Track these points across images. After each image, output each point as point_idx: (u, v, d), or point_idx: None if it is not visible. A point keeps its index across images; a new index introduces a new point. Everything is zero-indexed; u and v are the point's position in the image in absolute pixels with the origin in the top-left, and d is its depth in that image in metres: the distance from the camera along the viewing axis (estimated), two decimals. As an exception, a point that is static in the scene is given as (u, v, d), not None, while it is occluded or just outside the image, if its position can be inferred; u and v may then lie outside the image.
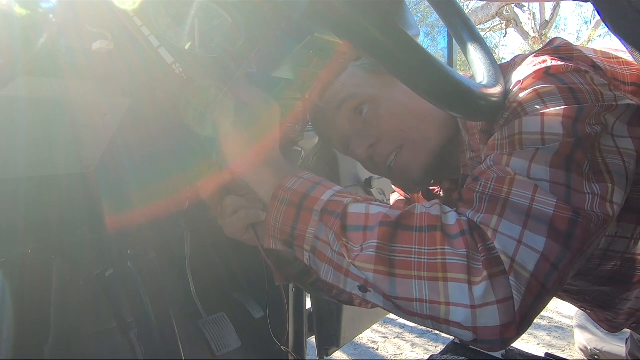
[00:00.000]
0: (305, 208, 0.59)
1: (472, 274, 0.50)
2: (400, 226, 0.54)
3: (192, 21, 0.62)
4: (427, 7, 8.89)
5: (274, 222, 0.61)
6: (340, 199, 0.59)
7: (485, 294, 0.49)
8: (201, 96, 0.59)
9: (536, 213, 0.52)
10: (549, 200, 0.53)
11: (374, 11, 0.50)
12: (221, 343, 0.97)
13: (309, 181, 0.61)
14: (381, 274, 0.53)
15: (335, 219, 0.57)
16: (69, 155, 0.61)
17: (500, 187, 0.55)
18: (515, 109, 0.62)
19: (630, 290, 0.77)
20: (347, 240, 0.55)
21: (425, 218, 0.54)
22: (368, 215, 0.56)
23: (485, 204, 0.55)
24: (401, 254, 0.53)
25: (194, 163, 0.70)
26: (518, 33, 10.41)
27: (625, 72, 0.68)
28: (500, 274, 0.50)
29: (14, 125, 0.53)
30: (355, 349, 2.56)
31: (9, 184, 0.57)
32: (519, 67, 0.69)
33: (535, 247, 0.51)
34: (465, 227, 0.53)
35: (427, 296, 0.51)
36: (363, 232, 0.55)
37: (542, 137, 0.57)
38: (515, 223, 0.52)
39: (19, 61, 0.49)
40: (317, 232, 0.58)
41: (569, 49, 0.68)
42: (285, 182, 0.61)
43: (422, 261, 0.51)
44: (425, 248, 0.52)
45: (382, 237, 0.53)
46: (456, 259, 0.50)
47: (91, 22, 0.53)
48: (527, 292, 0.50)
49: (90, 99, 0.56)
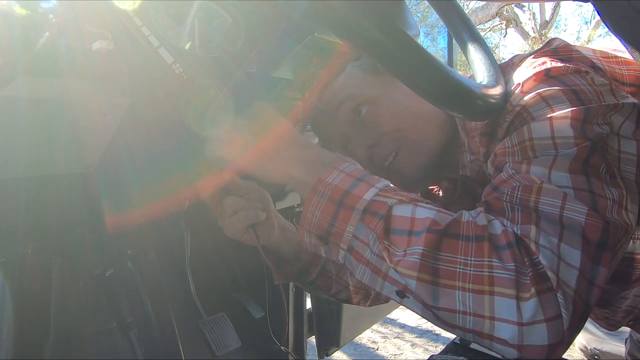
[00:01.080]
0: (346, 206, 0.56)
1: (520, 289, 0.48)
2: (448, 234, 0.52)
3: (192, 21, 0.62)
4: (427, 7, 8.89)
5: (311, 217, 0.58)
6: (385, 199, 0.56)
7: (535, 312, 0.47)
8: (201, 96, 0.59)
9: (568, 222, 0.51)
10: (579, 208, 0.52)
11: (374, 11, 0.50)
12: (221, 343, 0.97)
13: (351, 176, 0.58)
14: (424, 282, 0.51)
15: (379, 220, 0.54)
16: (69, 155, 0.61)
17: (528, 196, 0.54)
18: (520, 114, 0.61)
19: (628, 289, 0.77)
20: (390, 243, 0.53)
21: (472, 227, 0.52)
22: (414, 219, 0.54)
23: (518, 214, 0.53)
24: (447, 263, 0.51)
25: (194, 163, 0.70)
26: (518, 33, 10.41)
27: (624, 72, 0.68)
28: (548, 291, 0.48)
29: (14, 125, 0.53)
30: (355, 349, 2.56)
31: (9, 184, 0.57)
32: (517, 68, 0.68)
33: (573, 264, 0.49)
34: (512, 239, 0.51)
35: (471, 309, 0.49)
36: (408, 237, 0.53)
37: (554, 141, 0.56)
38: (551, 235, 0.51)
39: (19, 61, 0.49)
40: (357, 231, 0.56)
41: (567, 50, 0.68)
42: (325, 175, 0.58)
43: (468, 272, 0.49)
44: (471, 259, 0.50)
45: (429, 244, 0.51)
46: (504, 273, 0.48)
47: (91, 22, 0.53)
48: (574, 310, 0.48)
49: (90, 99, 0.56)
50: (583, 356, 1.90)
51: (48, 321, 0.74)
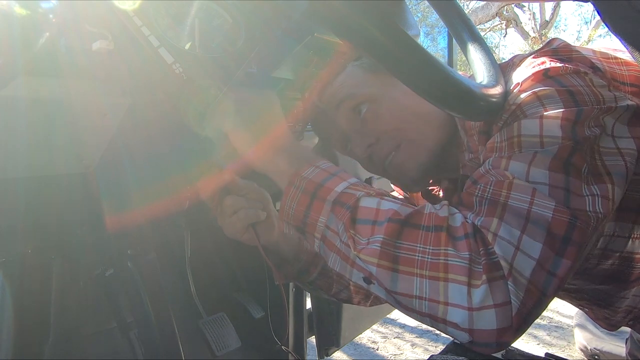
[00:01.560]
0: (318, 197, 0.60)
1: (472, 276, 0.50)
2: (408, 224, 0.55)
3: (192, 21, 0.62)
4: (427, 7, 8.89)
5: (288, 208, 0.62)
6: (353, 191, 0.59)
7: (484, 298, 0.50)
8: (201, 96, 0.59)
9: (535, 216, 0.53)
10: (547, 204, 0.54)
11: (374, 11, 0.50)
12: (221, 343, 0.97)
13: (326, 171, 0.62)
14: (384, 269, 0.54)
15: (346, 210, 0.58)
16: (69, 155, 0.61)
17: (499, 190, 0.56)
18: (514, 112, 0.62)
19: (628, 289, 0.77)
20: (355, 232, 0.56)
21: (433, 218, 0.55)
22: (378, 210, 0.57)
23: (485, 207, 0.56)
24: (406, 251, 0.54)
25: (194, 163, 0.70)
26: (518, 33, 10.41)
27: (624, 72, 0.68)
28: (499, 278, 0.50)
29: (14, 125, 0.53)
30: (355, 349, 2.56)
31: (9, 184, 0.57)
32: (517, 67, 0.69)
33: (532, 255, 0.52)
34: (469, 230, 0.53)
35: (427, 294, 0.52)
36: (371, 227, 0.56)
37: (541, 139, 0.58)
38: (515, 227, 0.53)
39: (19, 61, 0.49)
40: (328, 221, 0.59)
41: (567, 50, 0.68)
42: (302, 170, 0.62)
43: (426, 260, 0.52)
44: (429, 247, 0.53)
45: (389, 233, 0.54)
46: (458, 261, 0.51)
47: (91, 22, 0.53)
48: (525, 297, 0.50)
49: (90, 99, 0.56)
50: (583, 356, 1.91)
51: (48, 321, 0.74)
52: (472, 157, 0.74)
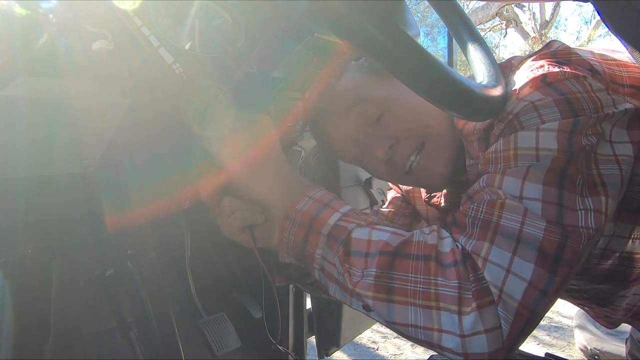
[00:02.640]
0: (313, 230, 0.62)
1: (462, 304, 0.53)
2: (399, 255, 0.57)
3: (192, 21, 0.62)
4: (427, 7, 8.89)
5: (286, 241, 0.64)
6: (345, 224, 0.61)
7: (474, 324, 0.52)
8: (201, 96, 0.59)
9: (526, 237, 0.55)
10: (538, 224, 0.55)
11: (374, 11, 0.50)
12: (221, 343, 0.97)
13: (319, 202, 0.63)
14: (379, 300, 0.56)
15: (339, 245, 0.60)
16: (69, 155, 0.61)
17: (492, 210, 0.57)
18: (511, 121, 0.62)
19: (628, 288, 0.77)
20: (350, 265, 0.58)
21: (422, 247, 0.57)
22: (370, 241, 0.59)
23: (477, 230, 0.57)
24: (399, 281, 0.56)
25: (194, 163, 0.70)
26: (518, 33, 10.41)
27: (623, 74, 0.67)
28: (489, 304, 0.52)
29: (14, 125, 0.53)
30: (355, 349, 2.56)
31: (9, 184, 0.57)
32: (517, 70, 0.68)
33: (523, 276, 0.53)
34: (458, 257, 0.55)
35: (421, 322, 0.54)
36: (365, 259, 0.58)
37: (537, 152, 0.58)
38: (505, 249, 0.54)
39: (19, 61, 0.49)
40: (324, 253, 0.61)
41: (566, 53, 0.67)
42: (296, 203, 0.64)
43: (418, 290, 0.55)
44: (420, 277, 0.55)
45: (381, 266, 0.56)
46: (448, 291, 0.53)
47: (91, 22, 0.53)
48: (515, 320, 0.52)
49: (90, 99, 0.56)
50: (583, 356, 1.91)
51: (48, 321, 0.74)
52: (472, 162, 0.74)
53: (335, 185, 1.22)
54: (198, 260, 0.96)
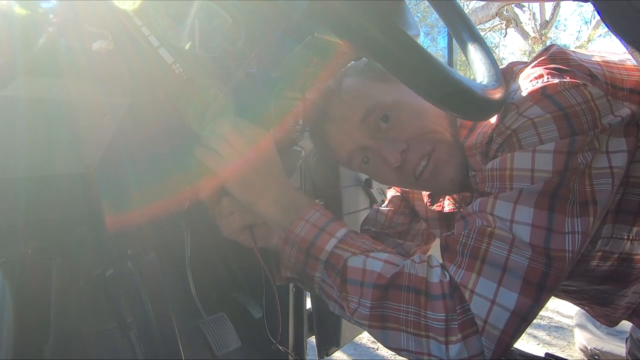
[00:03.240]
0: (312, 256, 0.66)
1: (449, 334, 0.58)
2: (392, 286, 0.61)
3: (192, 21, 0.62)
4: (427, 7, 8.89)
5: (287, 262, 0.69)
6: (341, 252, 0.65)
7: (460, 352, 0.57)
8: (201, 96, 0.59)
9: (512, 266, 0.58)
10: (524, 252, 0.58)
11: (374, 11, 0.50)
12: (221, 343, 0.97)
13: (315, 226, 0.67)
14: (375, 328, 0.62)
15: (336, 275, 0.64)
16: (69, 155, 0.61)
17: (481, 238, 0.61)
18: (510, 137, 0.63)
19: (627, 287, 0.77)
20: (347, 294, 0.63)
21: (412, 279, 0.61)
22: (365, 271, 0.63)
23: (466, 259, 0.61)
24: (392, 310, 0.61)
25: (194, 163, 0.70)
26: (518, 33, 10.41)
27: (624, 77, 0.67)
28: (473, 334, 0.58)
29: (14, 125, 0.53)
30: (355, 349, 2.56)
31: (9, 184, 0.57)
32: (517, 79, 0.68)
33: (507, 306, 0.57)
34: (446, 290, 0.59)
35: (413, 347, 0.60)
36: (360, 288, 0.62)
37: (532, 174, 0.60)
38: (492, 280, 0.58)
39: (19, 61, 0.49)
40: (323, 277, 0.66)
41: (564, 58, 0.67)
42: (294, 226, 0.67)
43: (409, 319, 0.60)
44: (412, 307, 0.60)
45: (375, 298, 0.61)
46: (436, 323, 0.58)
47: (91, 22, 0.53)
48: (497, 347, 0.58)
49: (90, 99, 0.56)
50: (583, 356, 1.91)
51: (48, 321, 0.74)
52: (474, 174, 0.74)
53: (335, 185, 1.22)
54: (198, 260, 0.96)
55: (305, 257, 0.66)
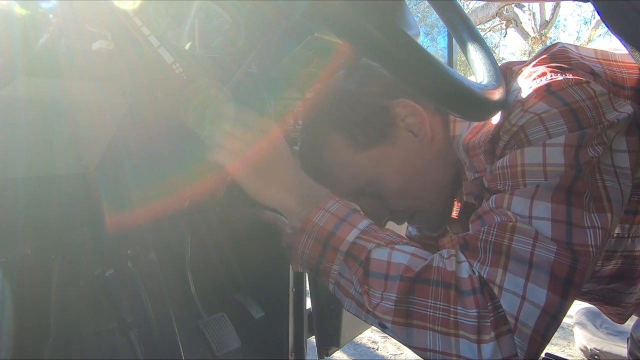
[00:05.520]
0: (330, 247, 0.62)
1: (481, 333, 0.54)
2: (419, 280, 0.57)
3: (192, 21, 0.62)
4: (427, 7, 8.89)
5: (302, 254, 0.64)
6: (364, 243, 0.61)
7: (493, 353, 0.53)
8: (201, 96, 0.59)
9: (538, 261, 0.55)
10: (549, 247, 0.56)
11: (374, 11, 0.50)
12: (221, 343, 0.97)
13: (335, 216, 0.63)
14: (398, 325, 0.57)
15: (359, 265, 0.60)
16: (69, 155, 0.61)
17: (503, 234, 0.58)
18: (517, 134, 0.62)
19: (635, 284, 0.77)
20: (369, 287, 0.59)
21: (441, 273, 0.57)
22: (390, 263, 0.59)
23: (489, 255, 0.58)
24: (418, 306, 0.57)
25: (194, 163, 0.70)
26: (518, 33, 10.42)
27: (624, 75, 0.67)
28: (506, 333, 0.54)
29: (14, 125, 0.53)
30: (355, 349, 2.56)
31: (9, 184, 0.57)
32: (517, 78, 0.68)
33: (537, 302, 0.54)
34: (476, 285, 0.56)
35: (440, 347, 0.55)
36: (384, 281, 0.58)
37: (544, 169, 0.58)
38: (519, 275, 0.55)
39: (19, 61, 0.49)
40: (341, 270, 0.62)
41: (565, 57, 0.67)
42: (312, 215, 0.63)
43: (437, 316, 0.56)
44: (440, 303, 0.56)
45: (402, 291, 0.57)
46: (467, 320, 0.54)
47: (91, 22, 0.53)
48: (529, 347, 0.54)
49: (90, 99, 0.56)
50: (583, 356, 1.91)
51: (48, 321, 0.74)
52: (478, 175, 0.73)
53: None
54: (198, 260, 0.96)
55: (323, 247, 0.62)
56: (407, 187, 0.76)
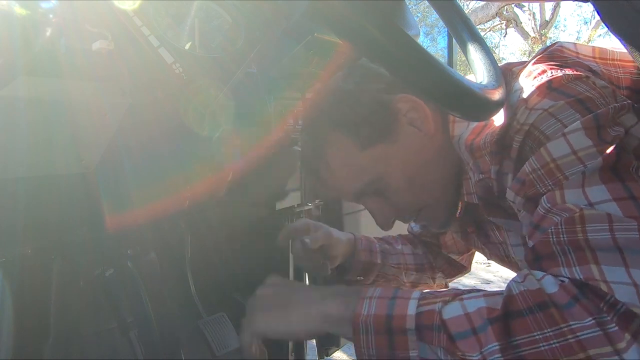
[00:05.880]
0: (395, 331, 0.54)
1: (613, 341, 0.45)
2: (510, 315, 0.50)
3: (192, 21, 0.62)
4: (427, 7, 8.89)
5: (368, 356, 0.56)
6: (430, 307, 0.54)
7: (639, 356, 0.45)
8: (201, 96, 0.59)
9: (624, 243, 0.49)
10: (629, 225, 0.49)
11: (374, 11, 0.50)
12: (221, 343, 0.97)
13: (384, 298, 0.56)
14: None
15: (438, 332, 0.52)
16: (69, 155, 0.61)
17: (573, 228, 0.52)
18: (531, 133, 0.60)
19: None
20: (463, 352, 0.50)
21: (529, 297, 0.50)
22: (468, 315, 0.52)
23: (571, 255, 0.51)
24: (527, 346, 0.47)
25: (194, 163, 0.70)
26: (518, 33, 10.42)
27: (620, 75, 0.67)
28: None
29: (14, 125, 0.53)
30: (355, 349, 2.56)
31: (9, 184, 0.57)
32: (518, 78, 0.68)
33: None
34: (574, 292, 0.48)
35: None
36: (475, 337, 0.50)
37: (577, 156, 0.55)
38: (615, 264, 0.48)
39: (19, 61, 0.49)
40: (421, 352, 0.53)
41: (561, 56, 0.67)
42: (359, 309, 0.56)
43: (554, 346, 0.46)
44: (548, 331, 0.47)
45: (499, 336, 0.49)
46: (589, 333, 0.46)
47: (91, 22, 0.53)
48: None
49: (90, 99, 0.56)
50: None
51: (48, 321, 0.74)
52: (482, 177, 0.71)
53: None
54: (198, 260, 0.96)
55: (388, 336, 0.54)
56: (412, 183, 0.74)
